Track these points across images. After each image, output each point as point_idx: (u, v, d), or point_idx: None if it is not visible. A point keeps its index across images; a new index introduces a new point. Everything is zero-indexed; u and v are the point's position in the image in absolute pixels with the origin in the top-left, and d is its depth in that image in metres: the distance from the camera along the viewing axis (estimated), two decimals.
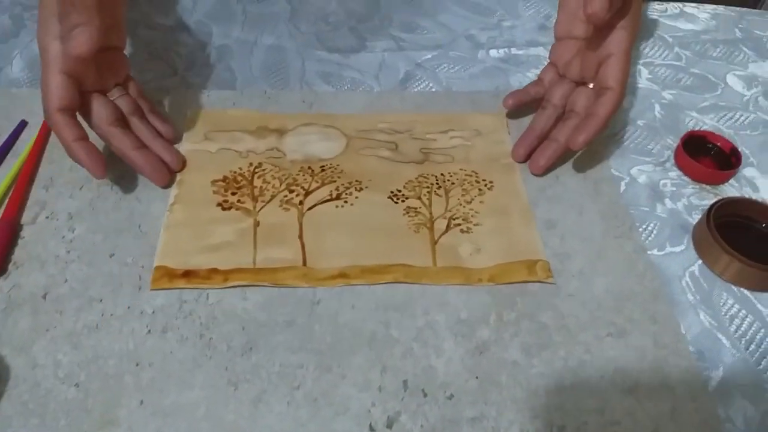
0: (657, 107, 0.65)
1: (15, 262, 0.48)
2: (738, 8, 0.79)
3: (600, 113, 0.53)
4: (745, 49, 0.73)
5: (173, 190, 0.53)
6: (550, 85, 0.59)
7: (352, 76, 0.65)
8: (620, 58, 0.53)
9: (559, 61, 0.59)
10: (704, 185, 0.58)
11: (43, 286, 0.47)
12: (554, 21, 0.59)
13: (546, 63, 0.61)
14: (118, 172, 0.54)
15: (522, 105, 0.60)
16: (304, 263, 0.49)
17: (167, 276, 0.47)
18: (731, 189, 0.58)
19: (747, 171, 0.59)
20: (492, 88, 0.65)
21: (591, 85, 0.56)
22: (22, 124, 0.58)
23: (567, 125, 0.56)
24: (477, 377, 0.43)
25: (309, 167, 0.56)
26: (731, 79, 0.69)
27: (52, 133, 0.57)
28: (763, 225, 0.53)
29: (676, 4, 0.79)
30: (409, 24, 0.71)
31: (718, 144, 0.60)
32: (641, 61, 0.70)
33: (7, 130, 0.57)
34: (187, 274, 0.47)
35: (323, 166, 0.56)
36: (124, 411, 0.41)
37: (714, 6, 0.79)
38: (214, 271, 0.48)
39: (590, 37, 0.55)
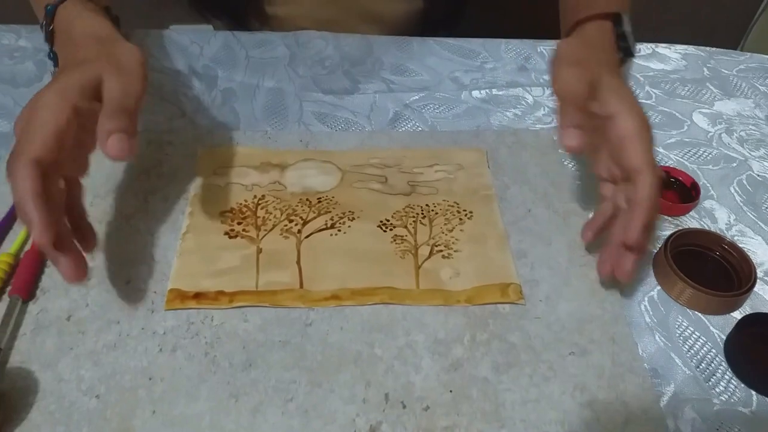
0: None
1: (42, 289, 0.54)
2: (708, 48, 0.85)
3: (639, 198, 0.49)
4: (711, 87, 0.79)
5: (185, 221, 0.59)
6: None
7: (345, 117, 0.71)
8: (634, 138, 0.50)
9: (602, 171, 0.56)
10: (666, 217, 0.63)
11: (67, 309, 0.52)
12: (534, 63, 0.64)
13: (524, 101, 0.67)
14: (132, 209, 0.60)
15: (600, 231, 0.56)
16: (301, 286, 0.55)
17: (180, 298, 0.53)
18: (692, 220, 0.63)
19: (707, 203, 0.65)
20: (473, 127, 0.71)
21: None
22: None
23: (618, 224, 0.53)
24: (451, 391, 0.49)
25: (307, 199, 0.62)
26: (697, 117, 0.75)
27: None
28: (716, 253, 0.59)
29: (648, 45, 0.85)
30: (399, 67, 0.77)
31: (680, 178, 0.65)
32: None
33: None
34: (197, 296, 0.53)
35: (320, 198, 0.62)
36: (138, 420, 0.46)
37: (685, 46, 0.85)
38: (221, 293, 0.54)
39: (597, 138, 0.53)
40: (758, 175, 0.68)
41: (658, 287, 0.57)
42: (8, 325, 0.50)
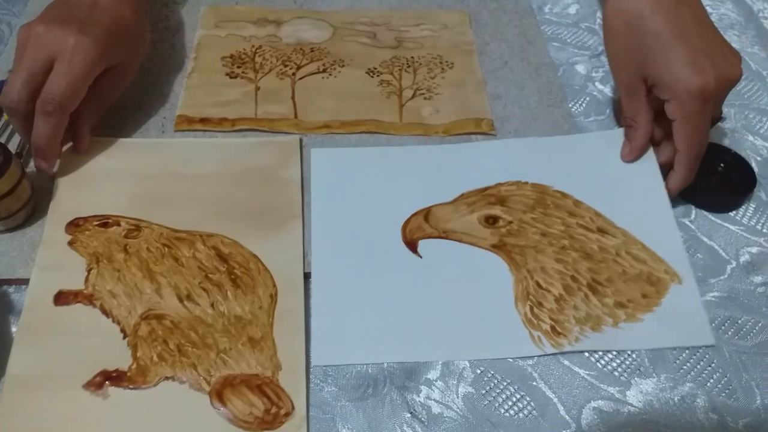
0: (599, 14, 0.76)
1: None
2: None
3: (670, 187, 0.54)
4: None
5: (191, 63, 0.65)
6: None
7: None
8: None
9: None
10: None
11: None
12: None
13: None
14: None
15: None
16: (296, 116, 0.61)
17: (187, 121, 0.59)
18: None
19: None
20: None
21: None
22: None
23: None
24: None
25: (301, 48, 0.67)
26: None
27: None
28: None
29: None
30: None
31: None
32: None
33: None
34: (203, 120, 0.60)
35: (313, 48, 0.68)
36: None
37: None
38: (224, 119, 0.60)
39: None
40: None
41: (617, 127, 0.63)
42: None
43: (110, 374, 0.43)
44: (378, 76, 0.66)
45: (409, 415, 0.43)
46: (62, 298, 0.47)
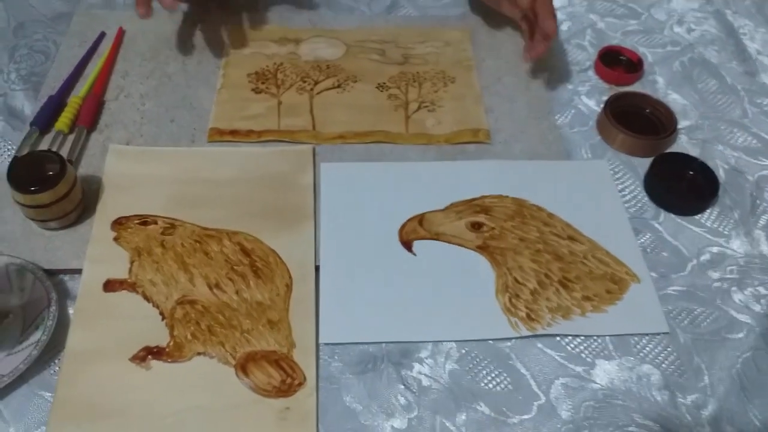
0: (589, 31, 0.83)
1: (106, 124, 0.68)
2: None
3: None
4: None
5: (220, 80, 0.73)
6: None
7: (348, 4, 0.84)
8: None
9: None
10: (614, 86, 0.76)
11: (126, 139, 0.67)
12: None
13: None
14: (173, 69, 0.74)
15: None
16: (314, 128, 0.69)
17: (219, 133, 0.68)
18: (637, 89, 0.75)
19: (651, 77, 0.77)
20: (459, 14, 0.83)
21: None
22: (102, 35, 0.78)
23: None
24: None
25: (318, 65, 0.75)
26: (654, 11, 0.86)
27: (125, 39, 0.77)
28: (647, 111, 0.72)
29: None
30: None
31: (628, 56, 0.78)
32: None
33: (91, 39, 0.77)
34: (233, 132, 0.68)
35: (328, 65, 0.75)
36: None
37: None
38: (251, 131, 0.68)
39: None
40: (698, 57, 0.80)
41: (599, 137, 0.70)
42: (77, 147, 0.65)
43: (152, 350, 0.51)
44: (387, 90, 0.73)
45: (402, 386, 0.51)
46: (110, 285, 0.55)
